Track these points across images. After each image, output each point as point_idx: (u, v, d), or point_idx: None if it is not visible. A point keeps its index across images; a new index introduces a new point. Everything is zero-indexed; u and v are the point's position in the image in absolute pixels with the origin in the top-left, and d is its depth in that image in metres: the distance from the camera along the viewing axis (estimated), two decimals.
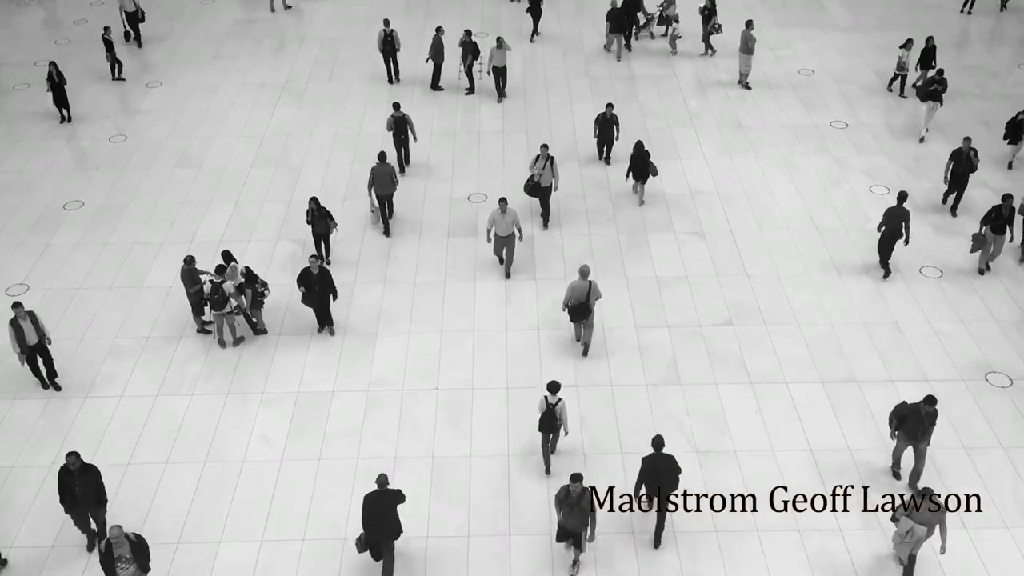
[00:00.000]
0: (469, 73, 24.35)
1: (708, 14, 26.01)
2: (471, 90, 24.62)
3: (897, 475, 14.02)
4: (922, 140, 22.16)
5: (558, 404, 13.65)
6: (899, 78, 24.01)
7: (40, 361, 15.85)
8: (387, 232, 19.29)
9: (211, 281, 16.00)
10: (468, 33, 23.99)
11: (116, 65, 25.31)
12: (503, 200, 17.12)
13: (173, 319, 17.29)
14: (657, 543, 13.09)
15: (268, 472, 14.32)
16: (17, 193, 20.89)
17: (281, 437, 14.90)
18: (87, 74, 25.85)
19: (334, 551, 13.14)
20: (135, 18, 27.05)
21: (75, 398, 15.61)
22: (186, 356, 16.49)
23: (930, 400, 13.12)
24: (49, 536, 13.39)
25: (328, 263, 18.36)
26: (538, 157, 18.89)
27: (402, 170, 21.39)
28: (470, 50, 23.96)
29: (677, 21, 26.59)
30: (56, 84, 22.89)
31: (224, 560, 13.04)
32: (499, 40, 23.15)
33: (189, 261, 16.22)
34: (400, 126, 20.82)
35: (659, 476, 12.58)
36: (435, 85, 24.77)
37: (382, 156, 18.79)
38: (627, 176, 19.98)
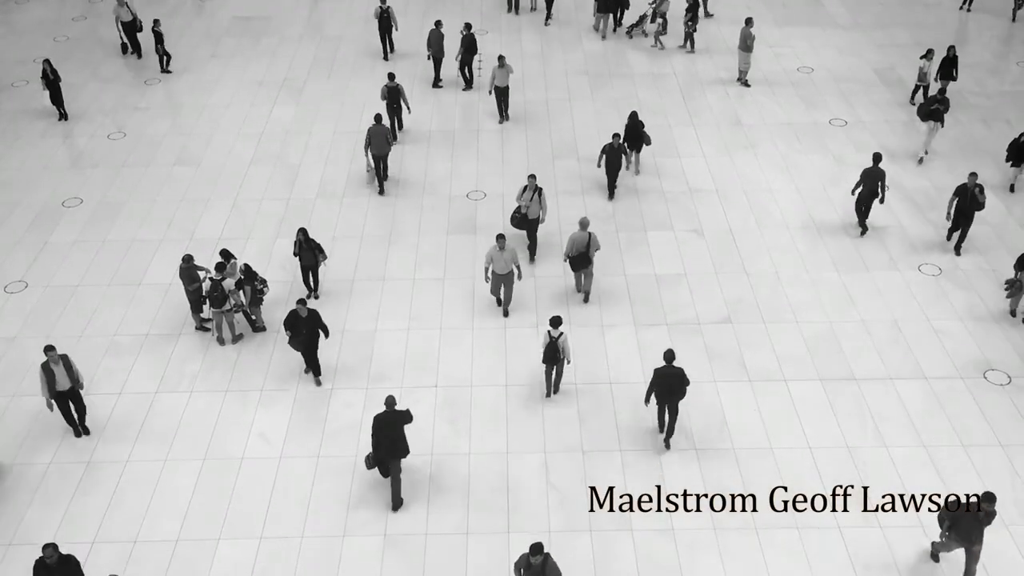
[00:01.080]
0: (466, 68, 24.36)
1: (687, 8, 26.18)
2: (468, 86, 24.62)
3: (936, 557, 12.82)
4: (920, 161, 21.25)
5: (560, 337, 14.67)
6: (921, 89, 23.18)
7: (72, 407, 14.68)
8: (382, 191, 20.37)
9: (210, 279, 15.98)
10: (468, 27, 24.01)
11: (165, 58, 25.47)
12: (500, 237, 16.22)
13: (172, 316, 17.28)
14: (667, 446, 14.49)
15: (267, 469, 14.32)
16: (16, 190, 20.87)
17: (280, 434, 14.90)
18: (86, 71, 25.82)
19: (333, 548, 13.14)
20: (132, 28, 25.94)
21: None
22: (185, 353, 16.48)
23: (988, 498, 11.67)
24: (48, 535, 13.39)
25: (316, 297, 17.52)
26: (525, 188, 17.98)
27: (395, 137, 22.28)
28: (466, 44, 23.94)
29: (664, 17, 26.67)
30: (51, 82, 22.82)
31: (223, 557, 13.04)
32: (500, 59, 22.26)
33: (188, 259, 16.20)
34: (393, 96, 21.82)
35: (669, 386, 13.95)
36: (437, 82, 24.80)
37: (377, 118, 19.95)
38: (621, 139, 20.83)
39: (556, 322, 14.66)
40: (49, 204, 20.41)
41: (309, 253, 16.92)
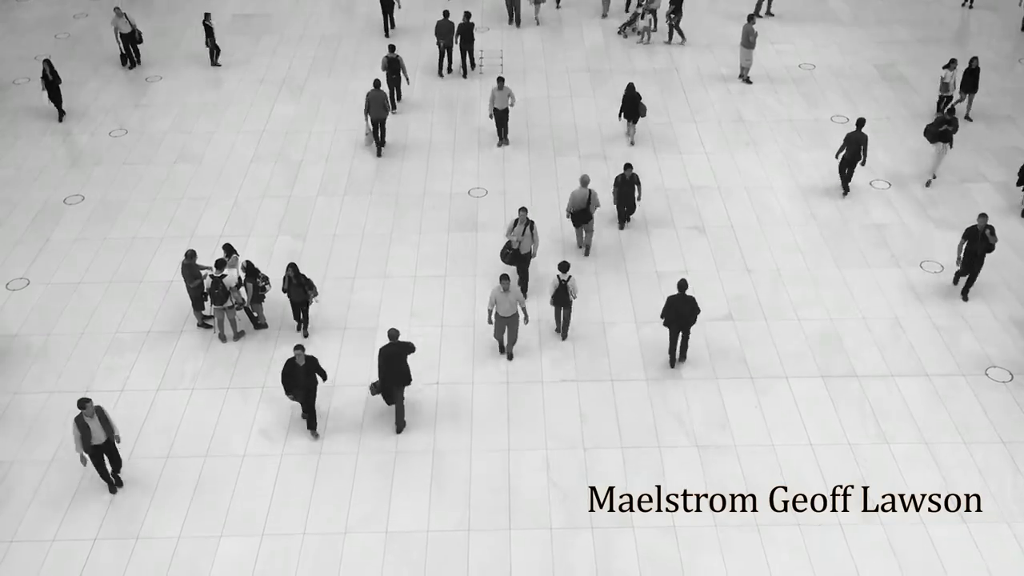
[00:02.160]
0: (466, 55, 24.68)
1: (671, 1, 26.47)
2: (464, 74, 24.88)
3: None
4: (928, 184, 20.44)
5: (569, 280, 15.67)
6: (945, 100, 22.32)
7: (107, 460, 13.87)
8: (379, 153, 21.52)
9: (212, 276, 15.99)
10: (467, 15, 24.25)
11: (214, 51, 25.54)
12: (505, 277, 15.24)
13: (173, 314, 17.29)
14: (674, 363, 15.88)
15: (268, 466, 14.33)
16: (17, 187, 20.88)
17: (281, 432, 14.91)
18: (87, 69, 25.82)
19: (334, 545, 13.15)
20: (131, 39, 25.38)
21: (75, 392, 15.61)
22: (186, 351, 16.49)
23: None
24: (49, 531, 13.42)
25: (306, 335, 16.65)
26: (516, 221, 16.92)
27: (394, 107, 23.39)
28: (463, 32, 24.21)
29: (653, 14, 26.68)
30: (51, 82, 22.76)
31: (224, 554, 13.06)
32: (500, 80, 21.12)
33: (190, 256, 16.21)
34: (393, 66, 22.84)
35: (681, 313, 15.22)
36: (441, 72, 25.03)
37: (376, 83, 21.02)
38: (619, 116, 21.92)
39: (564, 267, 15.69)
40: (51, 201, 20.42)
41: (299, 289, 16.12)
